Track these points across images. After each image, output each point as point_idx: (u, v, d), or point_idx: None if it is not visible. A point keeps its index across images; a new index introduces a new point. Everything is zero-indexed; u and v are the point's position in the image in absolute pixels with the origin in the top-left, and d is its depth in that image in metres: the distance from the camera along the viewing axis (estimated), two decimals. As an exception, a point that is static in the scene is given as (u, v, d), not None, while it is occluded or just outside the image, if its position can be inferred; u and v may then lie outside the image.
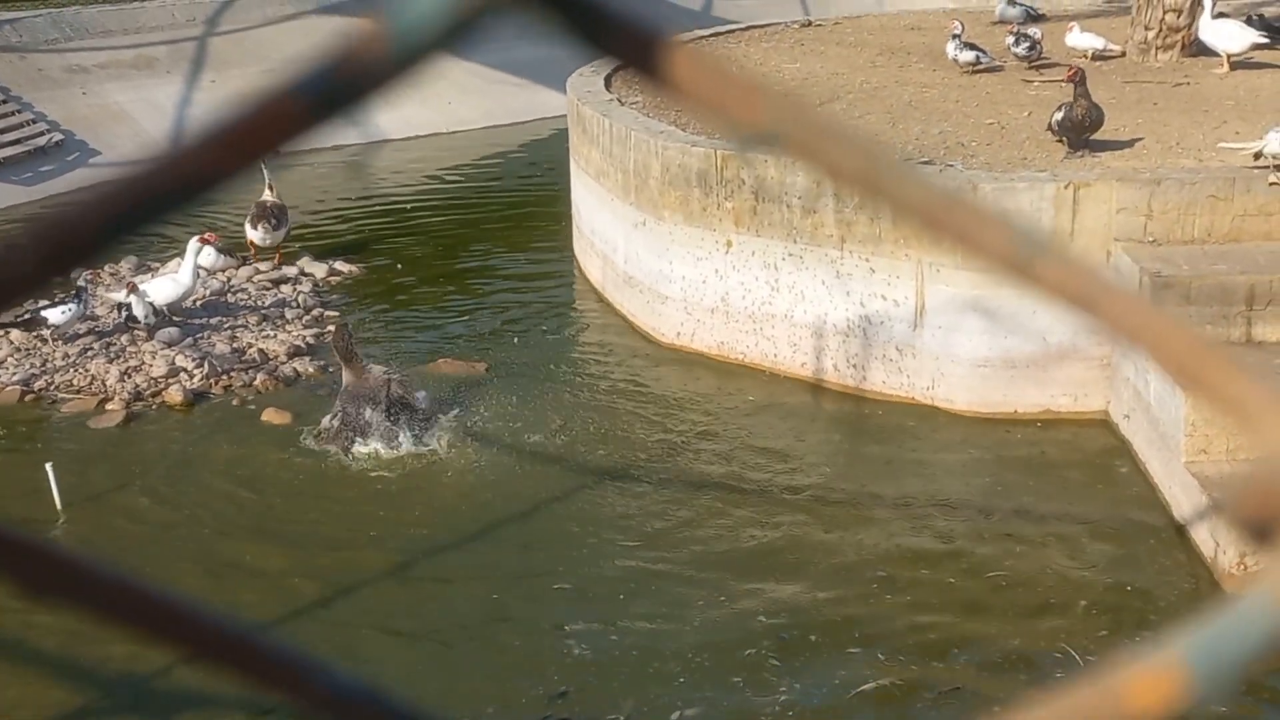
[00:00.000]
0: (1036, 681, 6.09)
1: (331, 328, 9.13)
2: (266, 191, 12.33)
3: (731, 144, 9.53)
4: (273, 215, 12.27)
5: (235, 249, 12.35)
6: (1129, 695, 0.40)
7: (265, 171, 12.42)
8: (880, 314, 8.94)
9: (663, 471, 8.15)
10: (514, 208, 14.50)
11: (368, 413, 8.44)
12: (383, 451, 8.38)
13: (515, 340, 10.51)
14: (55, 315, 10.06)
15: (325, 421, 8.62)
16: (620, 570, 7.08)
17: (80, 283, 10.68)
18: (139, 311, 10.18)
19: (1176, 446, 7.22)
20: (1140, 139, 9.57)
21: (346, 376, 8.72)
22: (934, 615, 6.62)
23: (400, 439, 8.41)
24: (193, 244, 10.79)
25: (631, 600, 6.81)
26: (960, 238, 0.46)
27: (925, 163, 9.05)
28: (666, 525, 7.51)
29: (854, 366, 9.13)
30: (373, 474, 8.30)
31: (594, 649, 6.41)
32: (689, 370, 9.69)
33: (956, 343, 8.70)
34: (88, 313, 10.37)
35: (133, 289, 10.23)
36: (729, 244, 9.56)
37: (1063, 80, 9.76)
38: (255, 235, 12.25)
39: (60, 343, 10.10)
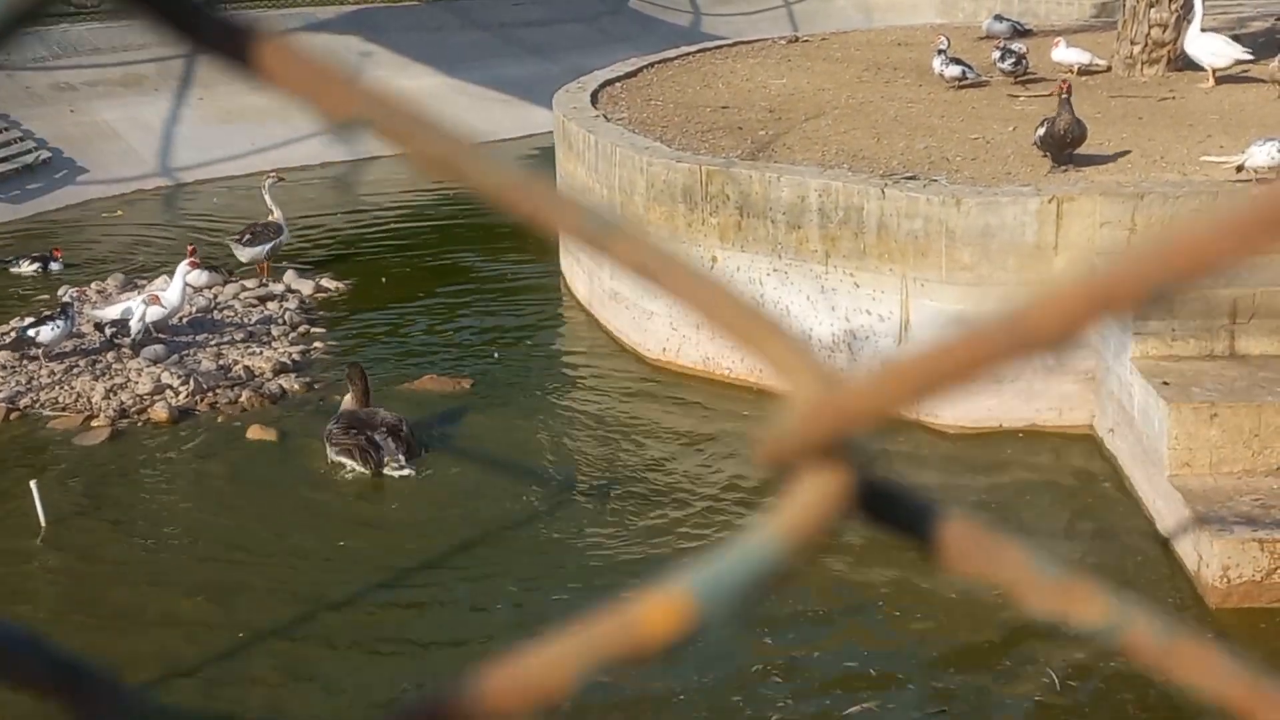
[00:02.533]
0: (1019, 699, 6.09)
1: (349, 365, 9.22)
2: (270, 205, 12.55)
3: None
4: (249, 232, 12.47)
5: (223, 265, 12.35)
6: (641, 623, 0.45)
7: (267, 195, 12.57)
8: (865, 329, 8.95)
9: (649, 487, 8.14)
10: (501, 224, 14.49)
11: (364, 427, 8.44)
12: (370, 469, 8.36)
13: (501, 357, 10.51)
14: (45, 333, 10.04)
15: (330, 424, 8.63)
16: (606, 587, 7.07)
17: (66, 299, 10.68)
18: (135, 327, 10.17)
19: (1160, 460, 7.23)
20: (1125, 153, 9.60)
21: (348, 402, 8.76)
22: (917, 634, 6.62)
23: (388, 457, 8.38)
24: (182, 265, 10.79)
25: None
26: (535, 216, 0.48)
27: (910, 177, 9.07)
28: (653, 542, 7.50)
29: (840, 381, 9.13)
30: (358, 492, 8.29)
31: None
32: (675, 386, 9.69)
33: (941, 357, 8.70)
34: (75, 330, 10.35)
35: (155, 300, 10.24)
36: (714, 259, 9.57)
37: (1052, 94, 9.79)
38: (236, 252, 12.44)
39: (46, 360, 10.08)
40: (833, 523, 0.45)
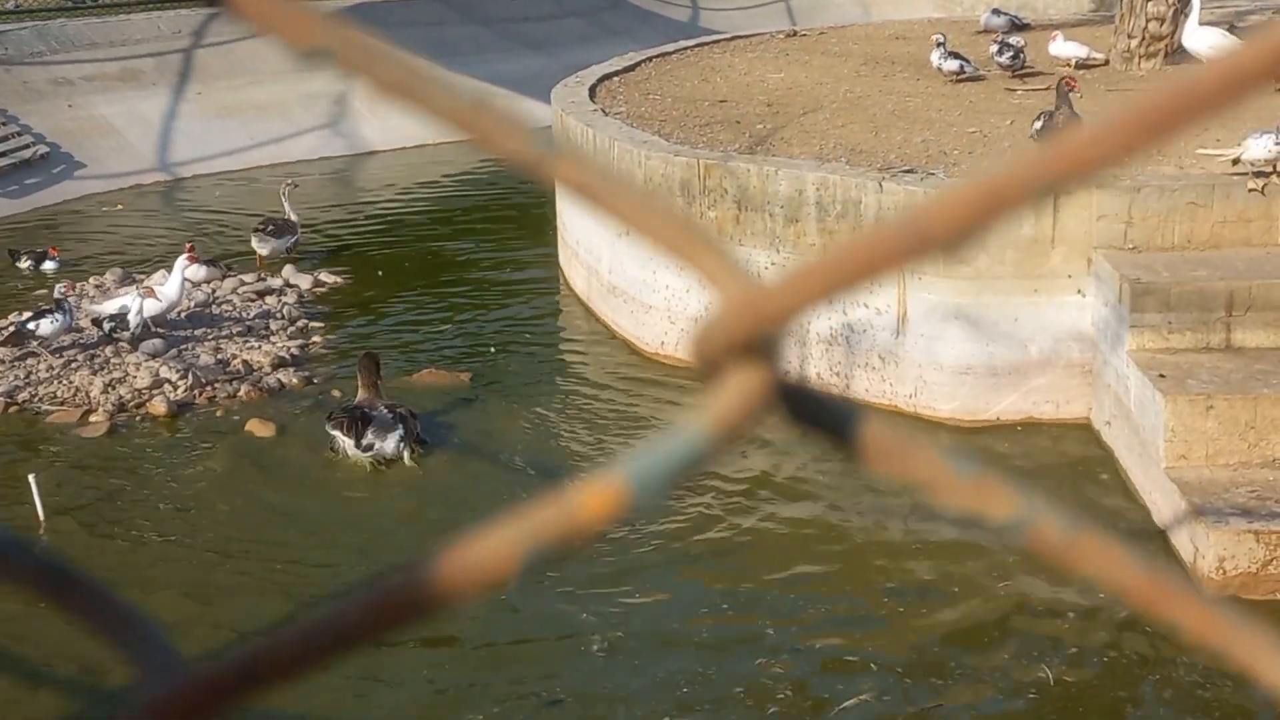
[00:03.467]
0: (1016, 688, 6.10)
1: (362, 353, 9.25)
2: (288, 211, 12.93)
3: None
4: (270, 224, 12.77)
5: (219, 259, 12.37)
6: (579, 508, 0.48)
7: (285, 201, 12.89)
8: (863, 322, 8.96)
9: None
10: (499, 218, 14.52)
11: (372, 414, 8.45)
12: (370, 457, 8.38)
13: (500, 351, 10.52)
14: (45, 327, 10.05)
15: (337, 411, 8.64)
16: (603, 578, 7.08)
17: (57, 294, 10.67)
18: (134, 321, 10.17)
19: (1157, 452, 7.25)
20: (1121, 147, 9.60)
21: (361, 395, 8.81)
22: (914, 628, 6.63)
23: (391, 448, 8.38)
24: (180, 260, 10.81)
25: (616, 611, 6.81)
26: (485, 140, 0.51)
27: (907, 171, 9.08)
28: (649, 535, 7.51)
29: (837, 375, 9.15)
30: (355, 485, 8.30)
31: (579, 659, 6.42)
32: (672, 380, 9.71)
33: (939, 350, 8.72)
34: (73, 324, 10.36)
35: (150, 293, 10.26)
36: (712, 253, 9.57)
37: (1049, 88, 9.75)
38: (254, 244, 12.71)
39: (45, 354, 10.09)
40: (755, 416, 0.48)
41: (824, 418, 0.50)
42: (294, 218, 12.94)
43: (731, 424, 0.48)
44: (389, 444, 8.36)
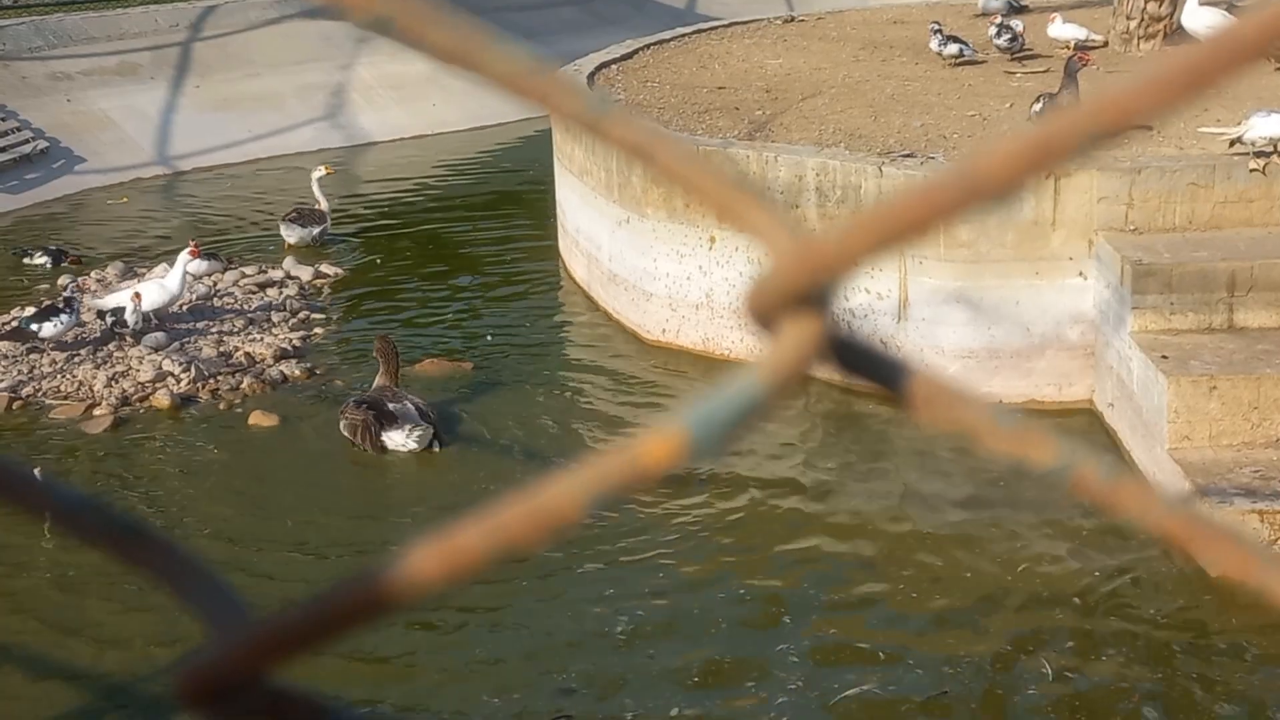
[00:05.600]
0: (1021, 678, 6.11)
1: (379, 336, 9.28)
2: (320, 199, 13.08)
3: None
4: (295, 211, 13.02)
5: (220, 252, 12.37)
6: (642, 454, 0.50)
7: (316, 187, 13.01)
8: (864, 307, 8.97)
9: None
10: (499, 208, 14.52)
11: (388, 407, 8.47)
12: (368, 447, 8.39)
13: (501, 339, 10.53)
14: (49, 328, 10.03)
15: (350, 404, 8.66)
16: (607, 567, 7.10)
17: (68, 293, 10.68)
18: (131, 319, 10.17)
19: (1160, 434, 7.26)
20: (1121, 128, 9.58)
21: (379, 379, 8.86)
22: (922, 617, 6.65)
23: (406, 439, 8.39)
24: (183, 254, 10.81)
25: (621, 598, 6.83)
26: (543, 101, 0.53)
27: (907, 155, 9.08)
28: (652, 521, 7.52)
29: (839, 360, 9.15)
30: (360, 476, 8.32)
31: (586, 647, 6.43)
32: (674, 367, 9.72)
33: (940, 335, 8.73)
34: (78, 322, 10.36)
35: (137, 297, 10.23)
36: (712, 240, 9.59)
37: (1073, 62, 9.61)
38: (282, 231, 12.93)
39: (49, 349, 10.10)
40: (809, 366, 0.50)
41: (873, 368, 0.51)
42: (324, 207, 13.06)
43: (786, 374, 0.49)
44: (417, 437, 8.37)
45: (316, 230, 12.90)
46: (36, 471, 7.80)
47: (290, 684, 0.56)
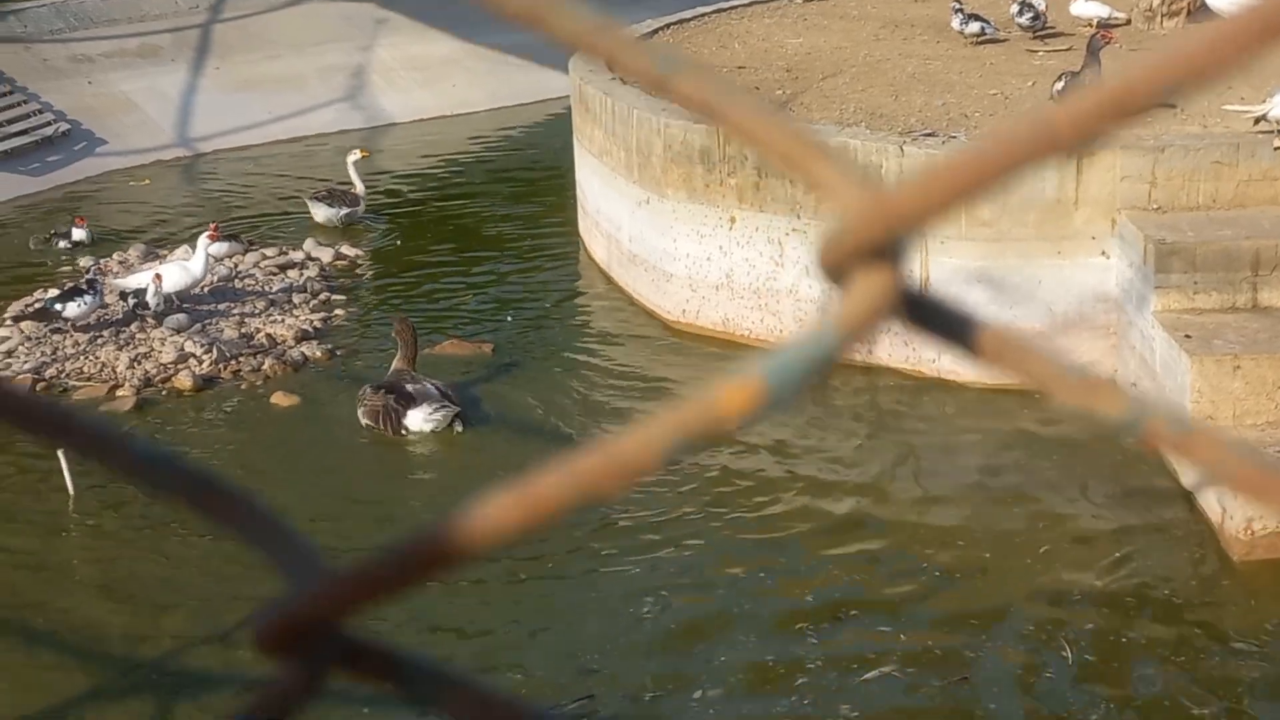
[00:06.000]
0: (1044, 656, 6.11)
1: (396, 318, 9.34)
2: (356, 182, 13.10)
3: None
4: (326, 191, 13.12)
5: (241, 234, 12.40)
6: (719, 404, 0.51)
7: (352, 170, 13.05)
8: (886, 287, 8.93)
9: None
10: (519, 189, 14.51)
11: (407, 389, 8.52)
12: (390, 431, 8.42)
13: (521, 321, 10.54)
14: (72, 309, 10.07)
15: (367, 388, 8.68)
16: (630, 548, 7.11)
17: (91, 275, 10.72)
18: (153, 300, 10.20)
19: (1183, 414, 7.23)
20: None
21: (397, 361, 8.90)
22: (942, 602, 6.65)
23: (427, 419, 8.42)
24: (203, 237, 10.84)
25: (644, 577, 6.84)
26: (610, 59, 0.53)
27: (928, 135, 9.04)
28: (675, 503, 7.53)
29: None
30: (380, 456, 8.34)
31: (614, 626, 6.45)
32: (694, 348, 9.71)
33: (962, 314, 8.69)
34: (101, 303, 10.41)
35: (158, 279, 10.27)
36: (733, 220, 9.57)
37: (1095, 40, 9.53)
38: (310, 209, 13.00)
39: (72, 331, 10.14)
40: (880, 321, 0.50)
41: (944, 322, 0.51)
42: (360, 190, 13.08)
43: (858, 329, 0.50)
44: (440, 417, 8.40)
45: (345, 211, 12.91)
46: (61, 453, 7.81)
47: (364, 635, 0.56)
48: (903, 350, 8.95)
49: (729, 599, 6.63)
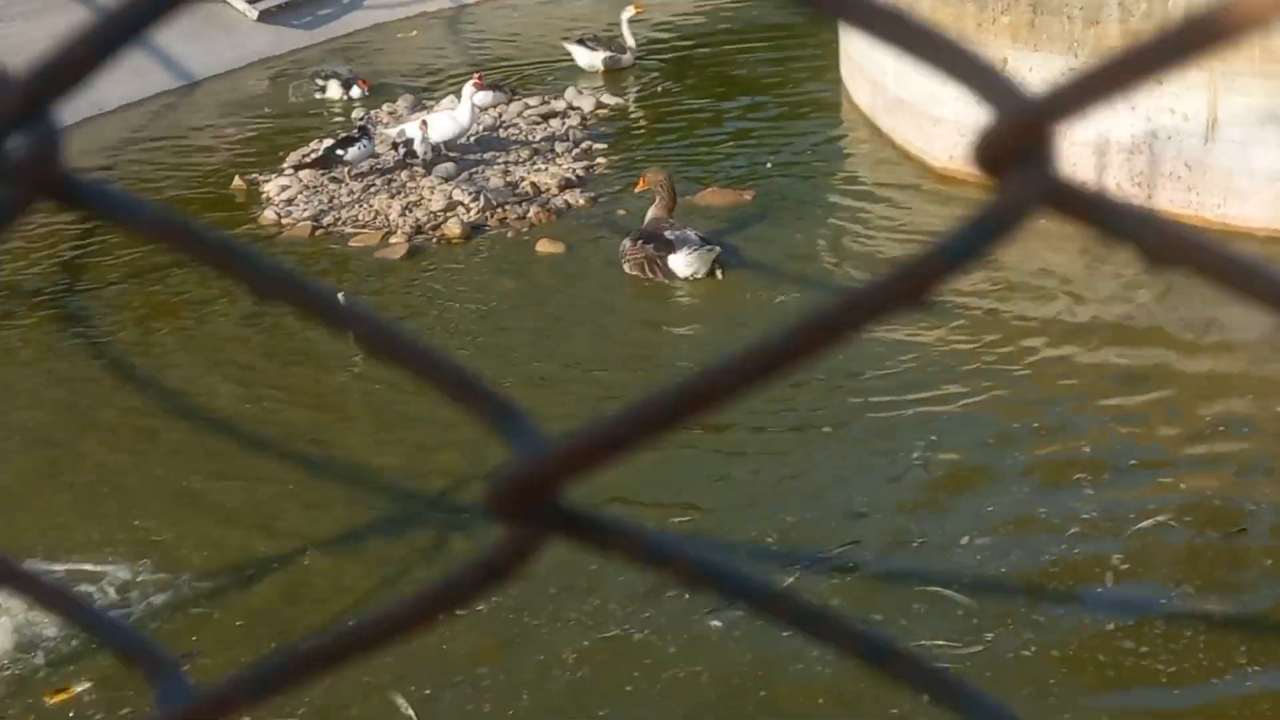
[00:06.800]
0: (1062, 634, 5.34)
1: (654, 170, 9.39)
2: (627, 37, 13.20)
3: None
4: (592, 37, 13.24)
5: (504, 83, 12.54)
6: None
7: (625, 29, 13.16)
8: (1168, 129, 8.45)
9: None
10: (780, 36, 14.18)
11: (665, 236, 8.60)
12: (658, 277, 8.50)
13: (781, 169, 10.40)
14: (353, 152, 10.48)
15: (626, 242, 8.79)
16: (889, 402, 7.01)
17: (363, 122, 11.03)
18: (420, 149, 10.48)
19: None
20: None
21: (654, 210, 8.95)
22: (1229, 442, 6.35)
23: (689, 262, 8.46)
24: (468, 87, 11.01)
25: (909, 428, 6.75)
26: None
27: None
28: (938, 351, 7.38)
29: (1139, 185, 8.69)
30: (644, 300, 8.44)
31: (876, 476, 6.40)
32: (961, 195, 9.40)
33: (1254, 157, 8.17)
34: (374, 150, 10.74)
35: (424, 126, 10.54)
36: (1004, 61, 9.16)
37: None
38: (573, 54, 13.09)
39: (347, 180, 10.51)
40: (1031, 216, 0.50)
41: (1101, 216, 0.50)
42: (630, 43, 13.13)
43: (1010, 224, 0.50)
44: (700, 258, 8.46)
45: (606, 54, 12.94)
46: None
47: (583, 505, 0.58)
48: (1184, 195, 8.48)
49: (999, 451, 6.48)
